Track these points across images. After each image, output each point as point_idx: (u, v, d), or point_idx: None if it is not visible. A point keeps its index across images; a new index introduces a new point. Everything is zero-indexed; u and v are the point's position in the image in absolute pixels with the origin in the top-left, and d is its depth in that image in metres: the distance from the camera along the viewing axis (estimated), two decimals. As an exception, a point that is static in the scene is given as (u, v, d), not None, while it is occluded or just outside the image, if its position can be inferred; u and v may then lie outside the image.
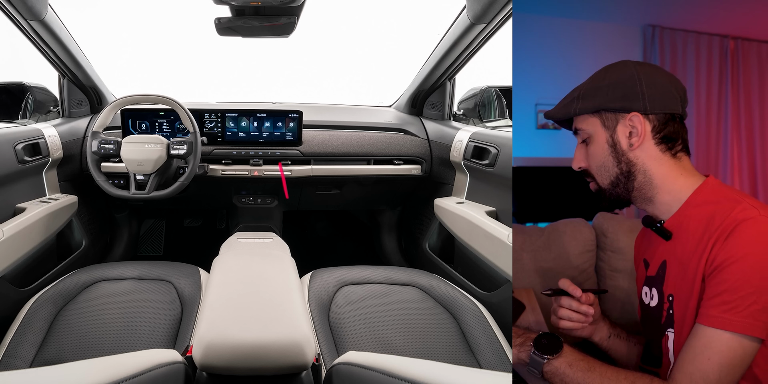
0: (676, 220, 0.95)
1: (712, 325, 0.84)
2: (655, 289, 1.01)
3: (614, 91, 0.95)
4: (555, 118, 1.03)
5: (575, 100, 0.99)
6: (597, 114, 0.97)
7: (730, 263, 0.83)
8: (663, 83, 0.95)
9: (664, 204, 0.96)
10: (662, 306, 0.99)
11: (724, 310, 0.83)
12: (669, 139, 0.95)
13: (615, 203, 1.00)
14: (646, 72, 0.95)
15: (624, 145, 0.95)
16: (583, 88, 0.99)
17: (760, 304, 0.81)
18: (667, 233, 0.96)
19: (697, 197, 0.93)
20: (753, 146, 4.08)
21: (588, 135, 0.99)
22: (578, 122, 1.01)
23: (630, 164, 0.96)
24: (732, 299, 0.82)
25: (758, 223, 0.83)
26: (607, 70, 0.98)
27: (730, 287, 0.83)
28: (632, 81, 0.94)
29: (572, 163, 1.03)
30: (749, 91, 4.05)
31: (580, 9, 3.52)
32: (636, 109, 0.94)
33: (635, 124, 0.94)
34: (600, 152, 0.98)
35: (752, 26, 3.81)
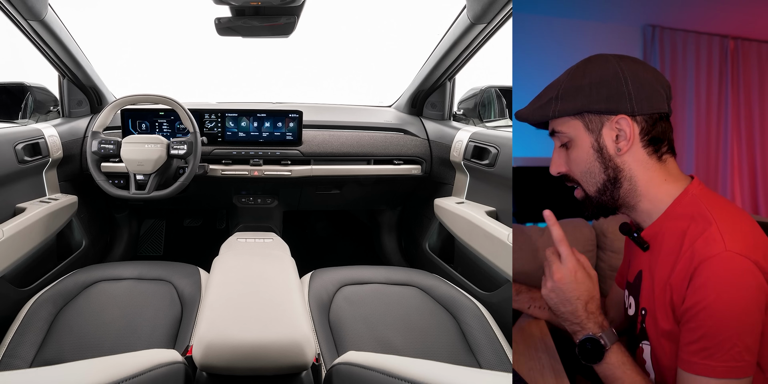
0: (653, 231, 0.91)
1: (696, 373, 0.81)
2: (633, 297, 0.99)
3: (597, 91, 0.88)
4: (529, 120, 0.95)
5: (553, 101, 0.91)
6: (579, 116, 0.90)
7: (701, 308, 0.79)
8: (648, 80, 0.88)
9: (644, 212, 0.92)
10: (637, 317, 0.96)
11: (705, 356, 0.80)
12: (657, 140, 0.89)
13: (601, 211, 0.94)
14: (630, 69, 0.88)
15: (611, 149, 0.89)
16: (562, 88, 0.91)
17: (740, 345, 0.78)
18: (644, 244, 0.93)
19: (675, 209, 0.89)
20: (753, 146, 4.08)
21: (569, 138, 0.92)
22: (557, 124, 0.93)
23: (617, 170, 0.90)
24: (711, 345, 0.79)
25: (720, 261, 0.79)
26: (587, 66, 0.91)
27: (707, 333, 0.79)
28: (616, 79, 0.87)
29: (550, 167, 0.95)
30: (749, 91, 4.05)
31: (580, 9, 3.52)
32: (623, 111, 0.87)
33: (623, 127, 0.87)
34: (584, 157, 0.91)
35: (752, 26, 3.81)
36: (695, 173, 4.16)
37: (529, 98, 0.98)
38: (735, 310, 0.78)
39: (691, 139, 3.85)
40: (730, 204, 0.90)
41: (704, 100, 3.90)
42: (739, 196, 4.07)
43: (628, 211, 0.94)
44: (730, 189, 4.03)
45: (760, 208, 4.12)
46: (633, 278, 0.99)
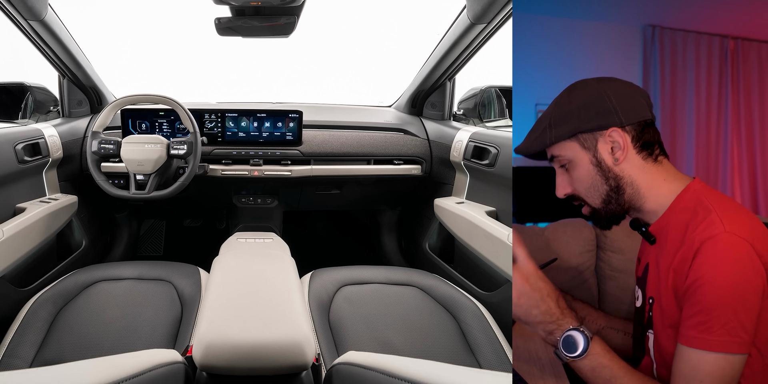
0: (659, 226, 0.97)
1: (693, 346, 0.85)
2: (640, 290, 1.03)
3: (586, 112, 0.95)
4: (529, 152, 1.02)
5: (547, 130, 0.98)
6: (574, 138, 0.96)
7: (700, 284, 0.84)
8: (629, 93, 0.95)
9: (651, 212, 0.98)
10: (644, 307, 1.00)
11: (702, 330, 0.84)
12: (648, 144, 0.95)
13: (612, 220, 1.01)
14: (610, 87, 0.95)
15: (609, 161, 0.95)
16: (552, 116, 0.98)
17: (735, 321, 0.83)
18: (652, 237, 0.98)
19: (678, 203, 0.94)
20: (753, 146, 4.08)
21: (568, 160, 0.99)
22: (555, 150, 1.00)
23: (618, 178, 0.96)
24: (708, 319, 0.84)
25: (719, 241, 0.84)
26: (570, 93, 0.98)
27: (704, 308, 0.84)
28: (600, 98, 0.94)
29: (556, 191, 1.02)
30: (749, 91, 4.06)
31: (580, 9, 3.52)
32: (613, 124, 0.94)
33: (615, 139, 0.94)
34: (586, 174, 0.97)
35: (752, 26, 3.81)
36: (695, 173, 4.16)
37: (529, 98, 1.00)
38: (731, 286, 0.83)
39: (691, 139, 3.84)
40: (730, 199, 0.95)
41: (704, 100, 3.90)
42: (739, 196, 4.07)
43: (636, 213, 1.00)
44: (730, 189, 4.04)
45: (760, 208, 4.13)
46: (641, 272, 1.03)
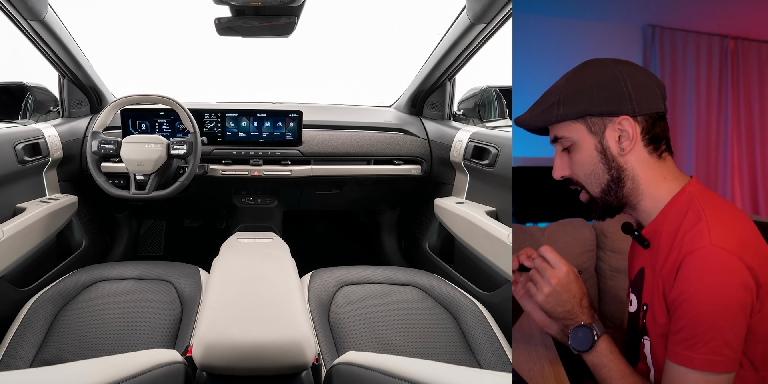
0: (652, 229, 0.93)
1: (677, 363, 0.83)
2: (635, 295, 1.01)
3: (599, 94, 0.89)
4: (531, 126, 0.97)
5: (555, 106, 0.92)
6: (581, 119, 0.91)
7: (683, 299, 0.81)
8: (645, 81, 0.90)
9: (645, 211, 0.94)
10: (638, 314, 0.98)
11: (686, 347, 0.82)
12: (657, 139, 0.91)
13: (607, 211, 0.96)
14: (627, 71, 0.90)
15: (615, 150, 0.91)
16: (562, 92, 0.92)
17: (719, 339, 0.79)
18: (645, 242, 0.95)
19: (672, 206, 0.91)
20: (753, 146, 4.08)
21: (572, 142, 0.93)
22: (559, 130, 0.94)
23: (620, 170, 0.92)
24: (691, 336, 0.81)
25: (703, 256, 0.81)
26: (585, 71, 0.92)
27: (688, 323, 0.81)
28: (616, 81, 0.89)
29: (553, 171, 0.97)
30: (749, 91, 4.05)
31: (580, 9, 3.52)
32: (625, 112, 0.89)
33: (625, 128, 0.89)
34: (588, 160, 0.93)
35: (752, 26, 3.81)
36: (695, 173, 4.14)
37: (529, 98, 0.98)
38: (714, 303, 0.80)
39: (691, 139, 3.84)
40: (726, 203, 0.92)
41: (704, 100, 3.90)
42: (739, 196, 4.07)
43: (631, 211, 0.97)
44: (730, 189, 4.03)
45: (760, 208, 4.12)
46: (634, 276, 1.01)
